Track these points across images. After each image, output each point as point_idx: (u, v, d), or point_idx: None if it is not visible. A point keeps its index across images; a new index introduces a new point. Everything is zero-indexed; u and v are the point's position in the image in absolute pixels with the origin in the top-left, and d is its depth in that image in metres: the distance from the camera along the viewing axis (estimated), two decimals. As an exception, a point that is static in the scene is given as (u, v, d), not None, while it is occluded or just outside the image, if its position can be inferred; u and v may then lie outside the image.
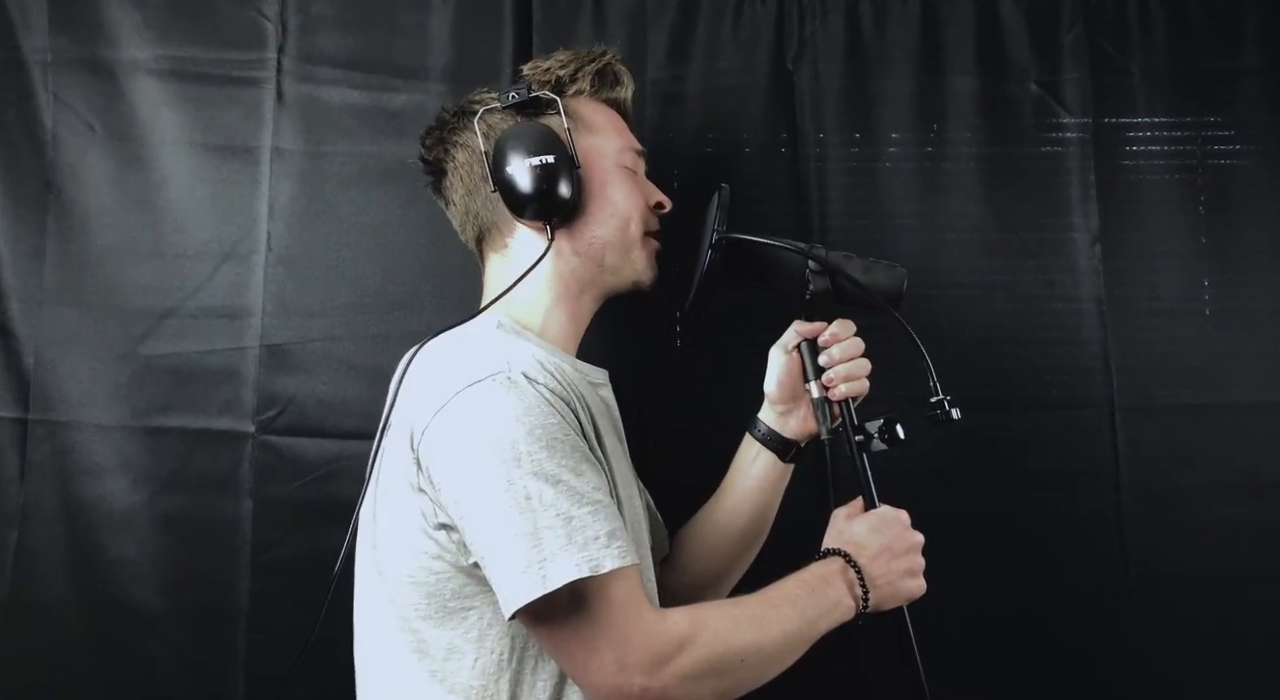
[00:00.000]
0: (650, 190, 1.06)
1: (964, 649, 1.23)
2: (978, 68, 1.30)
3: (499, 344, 0.90)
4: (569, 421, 0.84)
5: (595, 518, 0.80)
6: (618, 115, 1.07)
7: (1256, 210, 1.30)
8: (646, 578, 0.94)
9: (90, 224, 1.23)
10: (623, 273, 1.02)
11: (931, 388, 0.92)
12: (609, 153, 1.02)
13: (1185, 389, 1.27)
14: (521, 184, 0.94)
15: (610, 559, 0.78)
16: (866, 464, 0.94)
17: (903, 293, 0.99)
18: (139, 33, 1.25)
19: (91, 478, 1.20)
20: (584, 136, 1.00)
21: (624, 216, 1.01)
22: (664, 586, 1.10)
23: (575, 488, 0.80)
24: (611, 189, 1.01)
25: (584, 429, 0.87)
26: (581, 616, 0.79)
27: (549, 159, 0.94)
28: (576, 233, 1.00)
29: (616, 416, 1.01)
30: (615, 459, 0.92)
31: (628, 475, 0.95)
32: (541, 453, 0.80)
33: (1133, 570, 1.25)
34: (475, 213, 1.02)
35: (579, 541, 0.78)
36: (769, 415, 1.07)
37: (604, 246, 1.00)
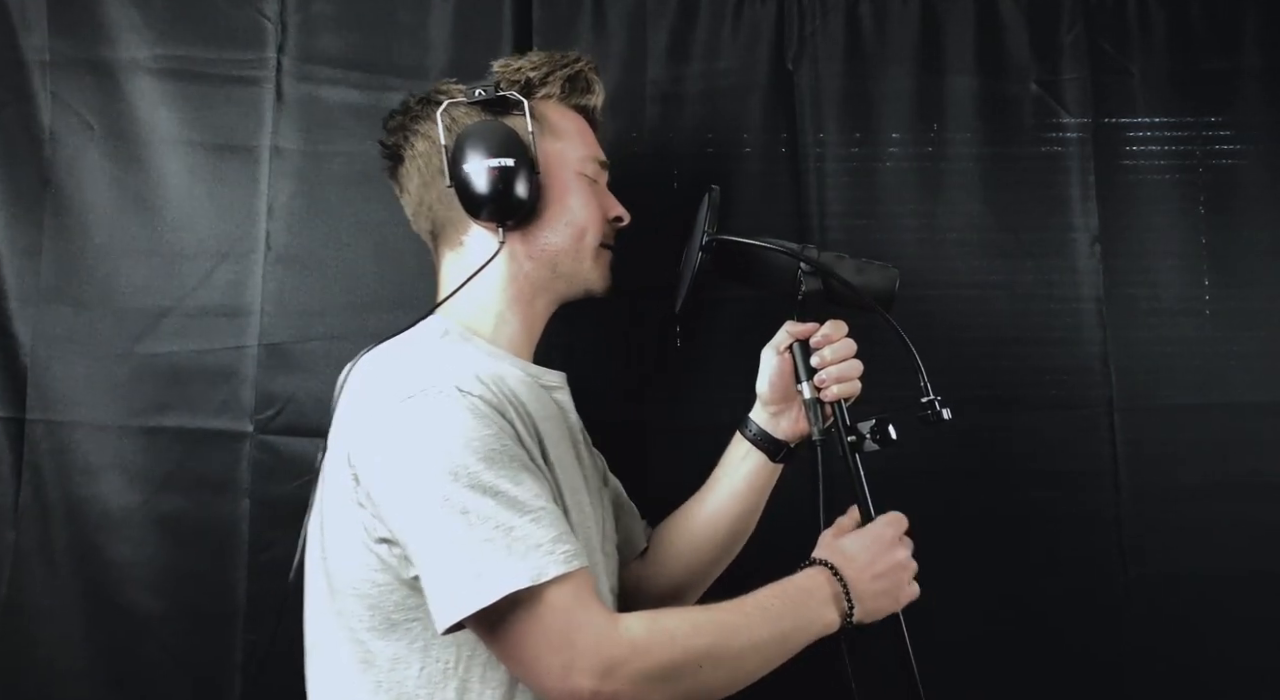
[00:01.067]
0: (610, 203, 1.06)
1: (963, 649, 1.23)
2: (978, 68, 1.31)
3: (438, 355, 0.90)
4: (506, 431, 0.83)
5: (538, 525, 0.79)
6: (586, 123, 1.07)
7: (1256, 210, 1.30)
8: (600, 579, 0.93)
9: (88, 223, 1.22)
10: (575, 280, 1.02)
11: (922, 388, 0.92)
12: (571, 160, 1.01)
13: (1185, 389, 1.28)
14: (478, 184, 0.94)
15: (554, 565, 0.78)
16: (859, 464, 0.94)
17: (894, 293, 0.99)
18: (138, 32, 1.25)
19: (88, 477, 1.20)
20: (548, 141, 1.00)
21: (580, 226, 1.00)
22: (642, 581, 1.10)
23: (515, 497, 0.79)
24: (570, 197, 1.00)
25: (523, 437, 0.85)
26: (528, 624, 0.78)
27: (508, 162, 0.94)
28: (530, 237, 0.99)
29: (572, 419, 1.00)
30: (563, 465, 0.91)
31: (576, 480, 0.93)
32: (478, 465, 0.80)
33: (1132, 570, 1.25)
34: (430, 205, 1.01)
35: (519, 551, 0.78)
36: (761, 416, 1.07)
37: (557, 253, 1.00)
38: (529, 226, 0.99)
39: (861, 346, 0.99)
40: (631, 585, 1.10)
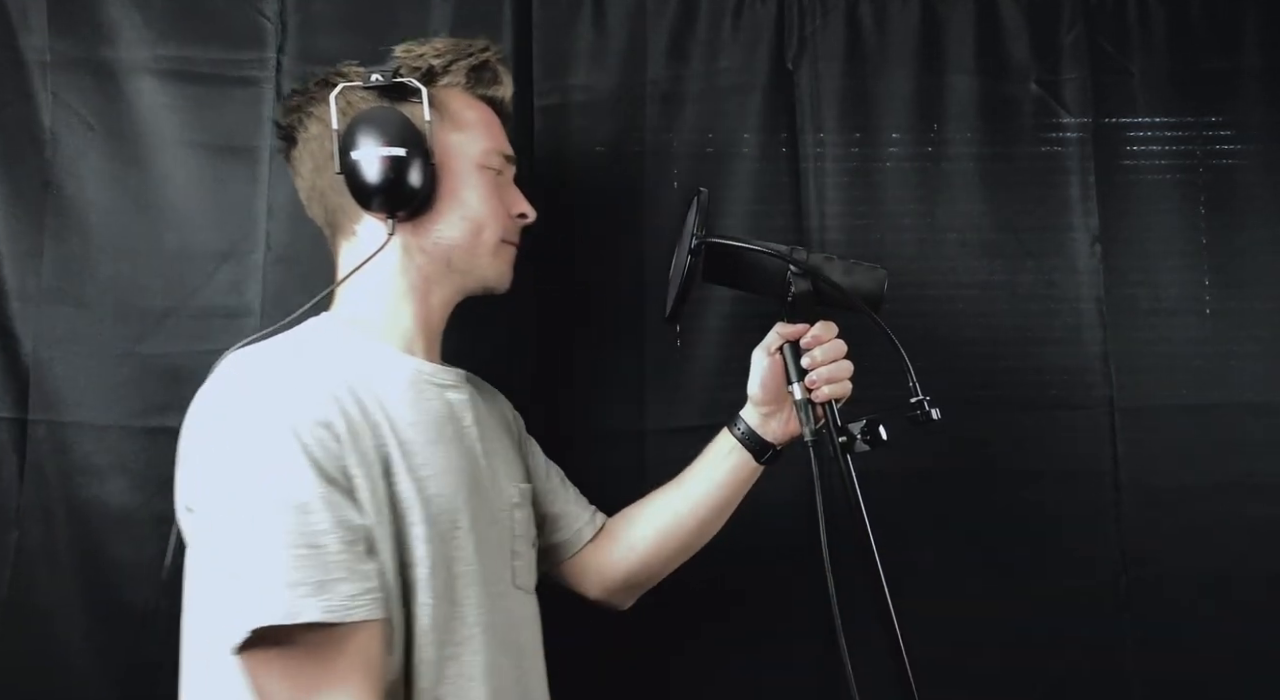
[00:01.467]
0: (514, 198, 1.03)
1: (961, 649, 1.23)
2: (978, 68, 1.30)
3: (277, 365, 0.87)
4: (317, 456, 0.80)
5: (300, 565, 0.76)
6: (493, 115, 1.03)
7: (1256, 210, 1.30)
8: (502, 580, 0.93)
9: (89, 223, 1.22)
10: (471, 276, 1.00)
11: (911, 388, 0.92)
12: (472, 153, 0.98)
13: (1185, 389, 1.28)
14: (368, 173, 0.91)
15: (294, 611, 0.75)
16: (850, 465, 0.94)
17: (883, 294, 0.99)
18: (138, 32, 1.24)
19: (90, 478, 1.20)
20: (447, 132, 0.97)
21: (477, 220, 0.98)
22: (594, 567, 1.10)
23: (289, 530, 0.77)
24: (466, 190, 0.97)
25: (345, 456, 0.82)
26: (266, 668, 0.78)
27: (399, 151, 0.91)
28: (424, 230, 0.96)
29: (462, 417, 0.97)
30: (431, 467, 0.88)
31: (454, 481, 0.90)
32: (275, 486, 0.78)
33: (1132, 570, 1.25)
34: (322, 191, 0.98)
35: (269, 585, 0.75)
36: (751, 416, 1.07)
37: (451, 248, 0.97)
38: (422, 219, 0.96)
39: (852, 347, 0.99)
40: (578, 572, 1.11)
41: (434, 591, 0.86)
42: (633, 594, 1.13)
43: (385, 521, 0.84)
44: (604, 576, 1.11)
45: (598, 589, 1.12)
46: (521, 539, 1.00)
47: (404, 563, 0.85)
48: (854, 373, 0.99)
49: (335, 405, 0.84)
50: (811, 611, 1.18)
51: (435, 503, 0.88)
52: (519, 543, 0.99)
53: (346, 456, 0.82)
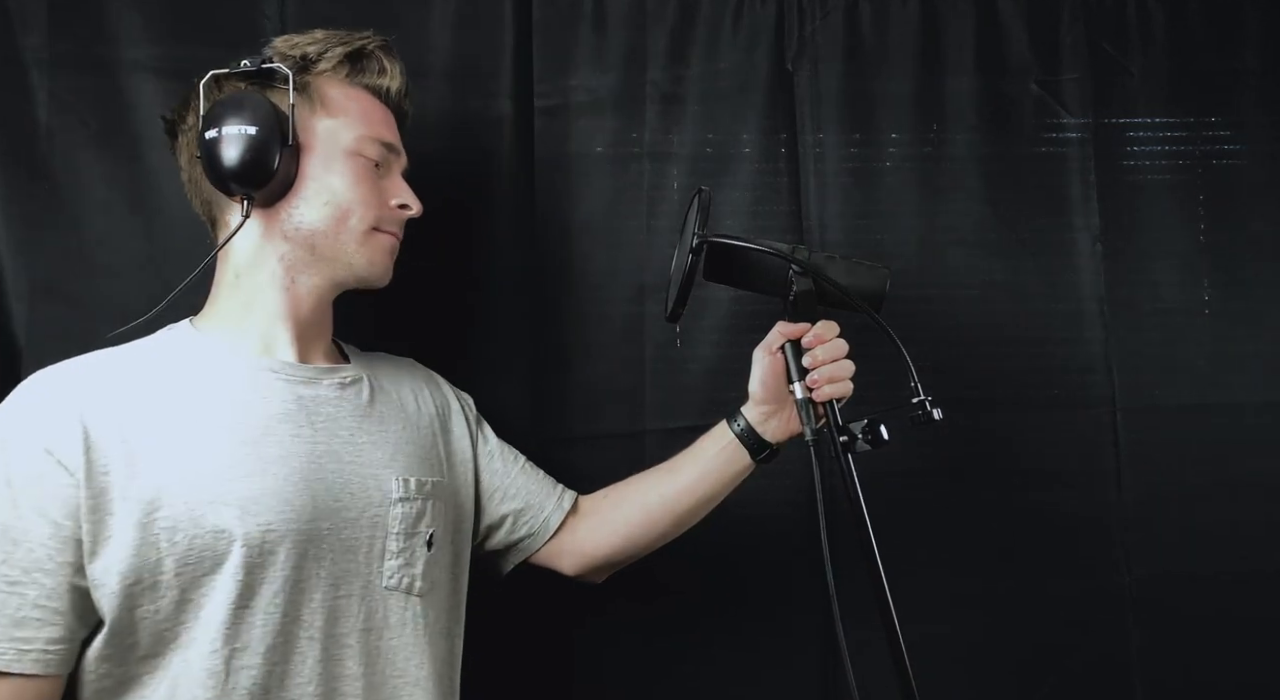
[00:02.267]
0: (394, 188, 1.00)
1: (962, 648, 1.23)
2: (978, 68, 1.31)
3: (40, 389, 0.86)
4: (23, 488, 0.80)
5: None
6: (377, 105, 1.01)
7: (1256, 210, 1.30)
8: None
9: (84, 221, 1.22)
10: (338, 264, 0.96)
11: (913, 388, 0.92)
12: (344, 139, 0.96)
13: (1185, 389, 1.28)
14: (221, 153, 0.90)
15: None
16: (851, 465, 0.94)
17: (885, 293, 0.99)
18: (138, 31, 1.24)
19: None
20: (317, 117, 0.95)
21: (342, 206, 0.95)
22: (570, 544, 1.09)
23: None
24: (331, 175, 0.95)
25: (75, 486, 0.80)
26: None
27: (250, 129, 0.89)
28: (283, 214, 0.94)
29: (316, 411, 0.94)
30: (242, 471, 0.86)
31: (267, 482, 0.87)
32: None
33: (1134, 570, 1.25)
34: (196, 181, 0.97)
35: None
36: (752, 414, 1.06)
37: (313, 233, 0.94)
38: (283, 202, 0.94)
39: (854, 347, 0.99)
40: (553, 554, 1.09)
41: (222, 598, 0.83)
42: (607, 572, 1.12)
43: (150, 538, 0.82)
44: (583, 554, 1.09)
45: (575, 566, 1.10)
46: (399, 537, 0.94)
47: (194, 575, 0.83)
48: (855, 372, 0.98)
49: (77, 440, 0.82)
50: (812, 611, 1.19)
51: (239, 506, 0.84)
52: (395, 541, 0.94)
53: (77, 482, 0.81)
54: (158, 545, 0.82)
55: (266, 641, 0.85)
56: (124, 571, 0.81)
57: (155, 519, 0.82)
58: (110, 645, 0.82)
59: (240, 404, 0.90)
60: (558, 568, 1.11)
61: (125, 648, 0.82)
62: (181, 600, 0.83)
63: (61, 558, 0.80)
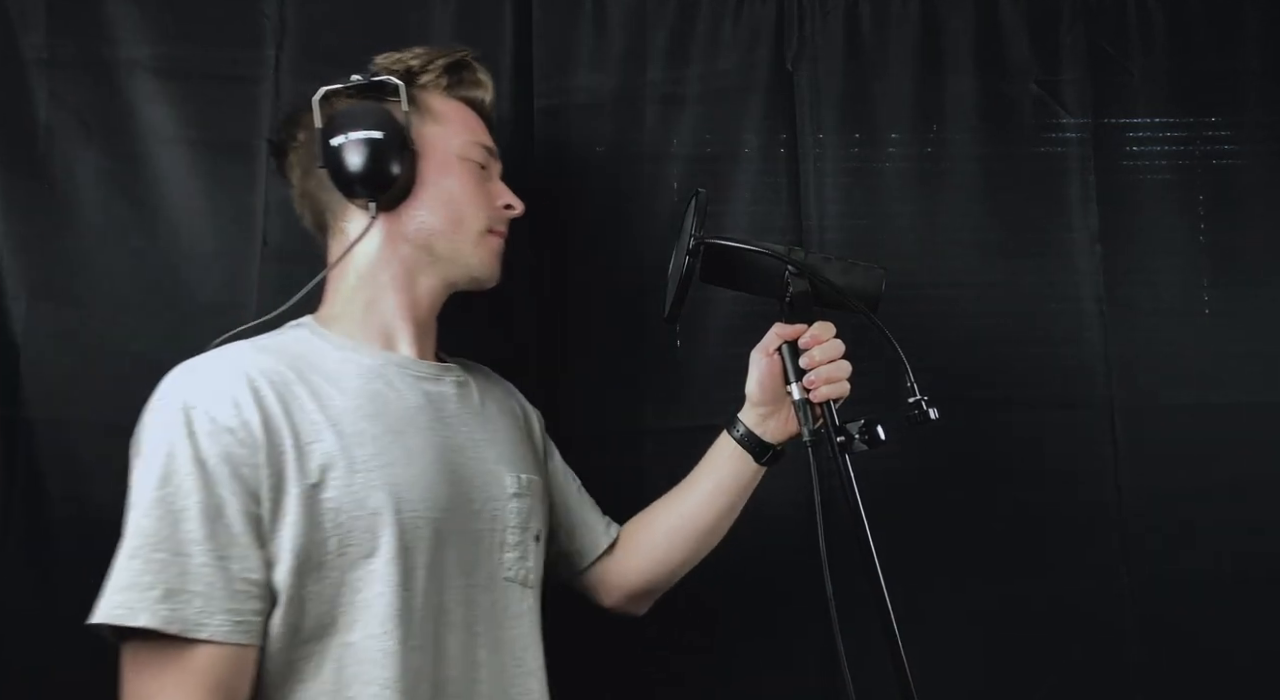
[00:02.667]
0: (498, 189, 1.05)
1: (961, 649, 1.23)
2: (978, 68, 1.31)
3: (200, 371, 0.88)
4: (213, 464, 0.81)
5: (159, 570, 0.78)
6: (472, 114, 1.06)
7: (1256, 210, 1.31)
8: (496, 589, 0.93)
9: (84, 220, 1.22)
10: (455, 264, 1.00)
11: (909, 388, 0.92)
12: (453, 144, 1.01)
13: (1185, 389, 1.28)
14: (347, 160, 0.94)
15: (136, 614, 0.77)
16: (848, 465, 0.93)
17: (881, 294, 0.99)
18: (136, 30, 1.24)
19: (82, 476, 1.18)
20: (427, 125, 1.00)
21: (458, 207, 0.99)
22: (609, 576, 1.11)
23: (159, 533, 0.79)
24: (447, 178, 0.99)
25: (255, 461, 0.82)
26: (124, 664, 0.80)
27: (376, 135, 0.94)
28: (406, 217, 0.98)
29: (441, 407, 0.97)
30: (387, 460, 0.88)
31: (412, 471, 0.89)
32: (158, 488, 0.80)
33: (1133, 570, 1.25)
34: (310, 193, 1.01)
35: (123, 584, 0.78)
36: (749, 417, 1.06)
37: (431, 234, 0.99)
38: (404, 206, 0.98)
39: (851, 347, 0.99)
40: (594, 582, 1.11)
41: (387, 581, 0.85)
42: (648, 600, 1.13)
43: (317, 517, 0.84)
44: (620, 585, 1.11)
45: (614, 597, 1.12)
46: (516, 530, 0.98)
47: (353, 557, 0.85)
48: (852, 372, 0.98)
49: (254, 407, 0.84)
50: (810, 611, 1.18)
51: (393, 492, 0.87)
52: (512, 534, 0.98)
53: (259, 459, 0.83)
54: (322, 525, 0.84)
55: (425, 625, 0.87)
56: (295, 549, 0.83)
57: (321, 499, 0.85)
58: (281, 624, 0.83)
59: (378, 396, 0.92)
60: (598, 599, 1.12)
61: (292, 629, 0.83)
62: (341, 582, 0.85)
63: (254, 532, 0.82)
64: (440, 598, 0.89)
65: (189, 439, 0.82)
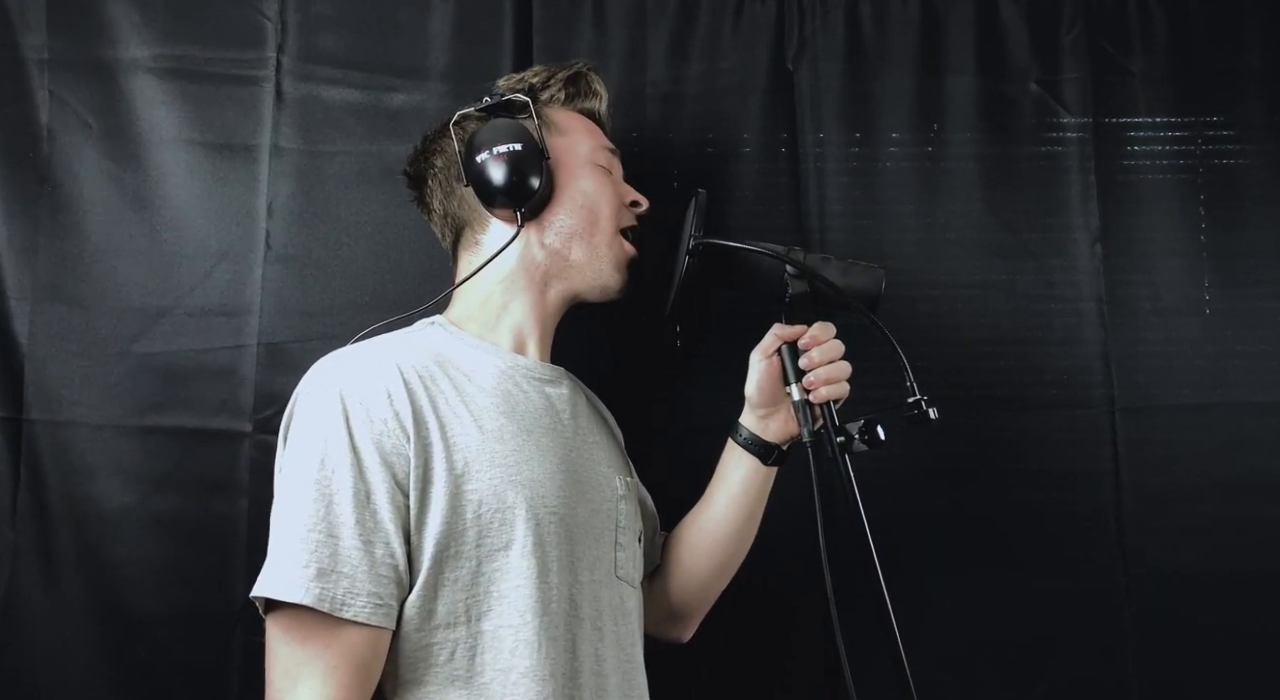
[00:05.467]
0: (625, 188, 1.09)
1: (961, 649, 1.23)
2: (978, 68, 1.31)
3: (356, 359, 0.92)
4: (365, 450, 0.85)
5: (314, 549, 0.81)
6: (591, 122, 1.11)
7: (1256, 210, 1.30)
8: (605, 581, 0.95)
9: (86, 222, 1.22)
10: (588, 271, 1.03)
11: (909, 388, 0.92)
12: (582, 151, 1.05)
13: (1185, 389, 1.27)
14: (491, 174, 0.98)
15: (292, 589, 0.80)
16: (848, 465, 0.94)
17: (880, 294, 0.99)
18: (137, 31, 1.25)
19: (86, 477, 1.19)
20: (555, 137, 1.04)
21: (594, 207, 1.03)
22: (650, 597, 1.10)
23: (316, 514, 0.83)
24: (582, 180, 1.03)
25: (406, 451, 0.86)
26: (272, 638, 0.84)
27: (516, 147, 0.98)
28: (545, 223, 1.02)
29: (561, 411, 1.00)
30: (523, 456, 0.91)
31: (544, 467, 0.92)
32: (317, 471, 0.84)
33: (1133, 570, 1.25)
34: (452, 214, 1.05)
35: (282, 560, 0.82)
36: (750, 419, 1.07)
37: (571, 236, 1.02)
38: (543, 212, 1.02)
39: (850, 347, 0.99)
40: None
41: (524, 573, 0.88)
42: (688, 623, 1.14)
43: (459, 508, 0.87)
44: (657, 606, 1.11)
45: (653, 620, 1.10)
46: (625, 530, 1.01)
47: (490, 548, 0.88)
48: (852, 373, 0.99)
49: (405, 398, 0.87)
50: (810, 611, 1.19)
51: (529, 488, 0.90)
52: (623, 534, 1.00)
53: (409, 450, 0.86)
54: (464, 515, 0.87)
55: (560, 617, 0.89)
56: (437, 537, 0.86)
57: (464, 490, 0.87)
58: (416, 609, 0.85)
59: (508, 395, 0.96)
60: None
61: (426, 614, 0.86)
62: (477, 572, 0.87)
63: (399, 520, 0.85)
64: (570, 591, 0.91)
65: (345, 425, 0.85)
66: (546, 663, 0.87)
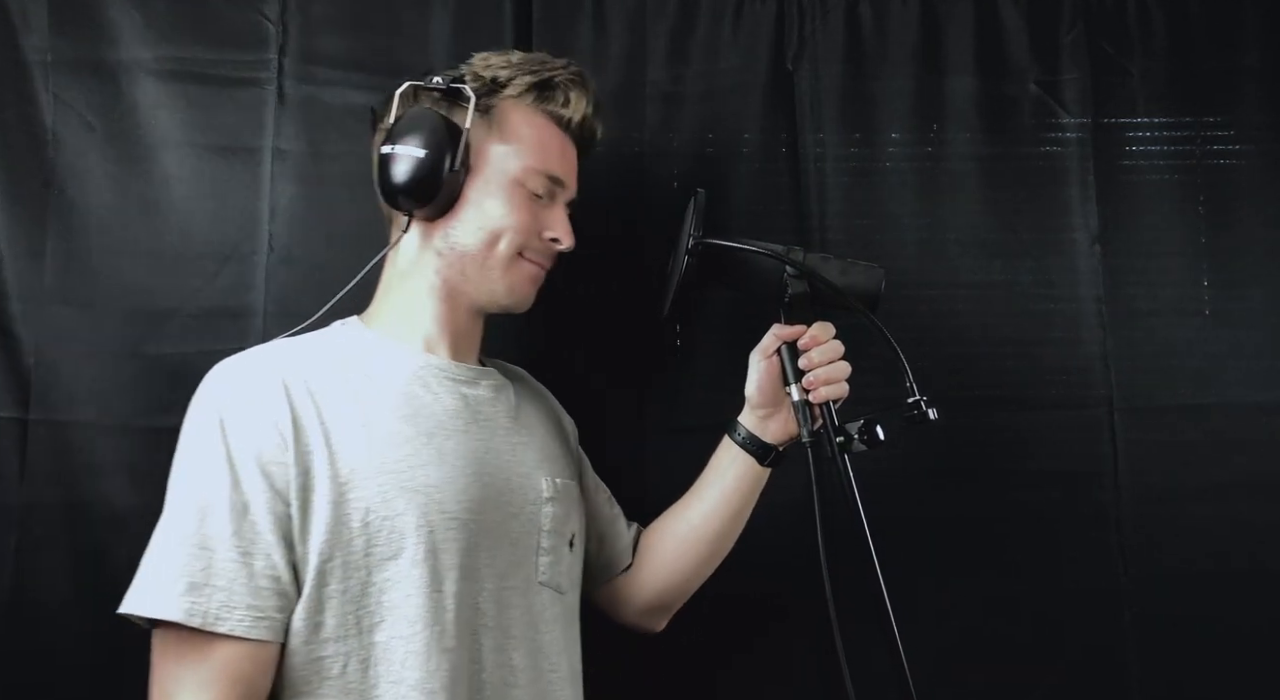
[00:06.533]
0: (551, 221, 1.01)
1: (960, 649, 1.23)
2: (978, 68, 1.31)
3: (240, 367, 0.91)
4: (243, 460, 0.84)
5: (185, 564, 0.81)
6: (556, 134, 1.02)
7: (1256, 210, 1.30)
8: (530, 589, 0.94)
9: (91, 224, 1.23)
10: (482, 289, 0.99)
11: (908, 388, 0.92)
12: (511, 167, 0.97)
13: (1185, 389, 1.27)
14: (391, 170, 0.94)
15: (159, 606, 0.79)
16: (848, 466, 0.94)
17: (880, 293, 0.99)
18: (140, 33, 1.25)
19: (92, 478, 1.20)
20: (492, 142, 0.98)
21: (493, 231, 0.97)
22: (626, 590, 1.11)
23: (189, 528, 0.82)
24: (490, 200, 0.97)
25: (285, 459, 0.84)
26: (154, 654, 0.83)
27: (419, 152, 0.93)
28: (440, 233, 0.98)
29: (479, 411, 0.97)
30: (419, 461, 0.89)
31: (444, 472, 0.90)
32: (189, 484, 0.84)
33: (1132, 570, 1.25)
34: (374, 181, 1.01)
35: (149, 576, 0.81)
36: (749, 419, 1.07)
37: (464, 256, 0.97)
38: (443, 221, 0.97)
39: (850, 347, 0.99)
40: (613, 597, 1.12)
41: (415, 582, 0.86)
42: (663, 614, 1.13)
43: (345, 517, 0.85)
44: (634, 597, 1.11)
45: (630, 611, 1.12)
46: (552, 534, 0.98)
47: (380, 558, 0.86)
48: (852, 373, 0.99)
49: (285, 406, 0.86)
50: (809, 612, 1.19)
51: (422, 495, 0.88)
52: (546, 538, 0.98)
53: (287, 458, 0.84)
54: (350, 524, 0.85)
55: (457, 626, 0.87)
56: (320, 548, 0.84)
57: (349, 499, 0.85)
58: (303, 621, 0.84)
59: (414, 398, 0.93)
60: (615, 614, 1.13)
61: (313, 627, 0.84)
62: (368, 582, 0.85)
63: (280, 531, 0.83)
64: (475, 600, 0.90)
65: (221, 437, 0.84)
66: (438, 675, 0.85)
